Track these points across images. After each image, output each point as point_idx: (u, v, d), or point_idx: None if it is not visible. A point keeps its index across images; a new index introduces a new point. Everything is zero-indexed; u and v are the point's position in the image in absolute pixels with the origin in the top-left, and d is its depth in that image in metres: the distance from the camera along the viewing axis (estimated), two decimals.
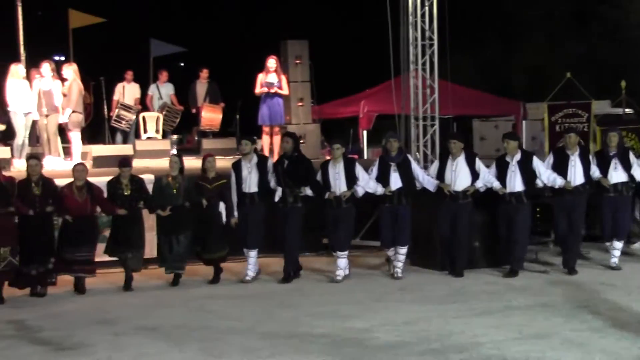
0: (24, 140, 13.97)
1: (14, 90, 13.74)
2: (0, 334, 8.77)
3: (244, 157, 11.34)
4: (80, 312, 9.79)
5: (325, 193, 11.13)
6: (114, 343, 8.33)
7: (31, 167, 10.53)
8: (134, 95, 16.92)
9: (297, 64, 15.22)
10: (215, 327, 8.89)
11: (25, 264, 10.32)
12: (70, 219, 10.55)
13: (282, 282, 11.21)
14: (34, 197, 10.34)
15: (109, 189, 11.01)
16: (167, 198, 11.09)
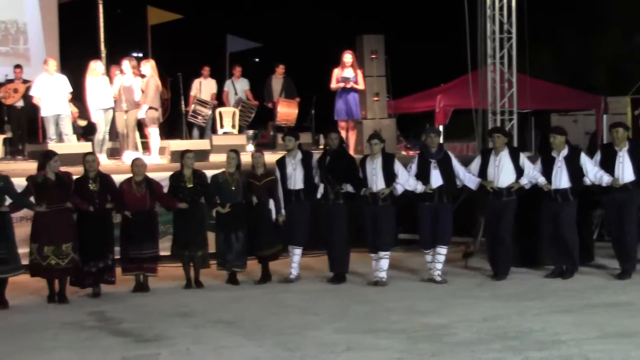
0: (104, 135, 14.23)
1: (93, 87, 14.00)
2: (83, 325, 8.94)
3: (288, 153, 11.19)
4: (159, 304, 9.91)
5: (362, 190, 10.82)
6: (192, 336, 8.41)
7: (88, 163, 10.39)
8: (210, 90, 17.08)
9: (372, 58, 15.16)
10: (292, 322, 8.91)
11: (85, 262, 10.17)
12: (130, 215, 10.43)
13: (334, 282, 10.93)
14: (91, 193, 10.22)
15: (171, 182, 10.91)
16: (227, 194, 10.91)
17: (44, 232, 9.92)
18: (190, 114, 16.39)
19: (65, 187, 10.06)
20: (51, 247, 9.88)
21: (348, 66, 14.49)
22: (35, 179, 9.98)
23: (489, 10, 13.00)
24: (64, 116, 14.23)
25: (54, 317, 9.31)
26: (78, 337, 8.45)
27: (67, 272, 10.08)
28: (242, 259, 11.01)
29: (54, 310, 9.70)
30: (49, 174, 9.97)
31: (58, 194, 9.97)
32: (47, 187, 9.93)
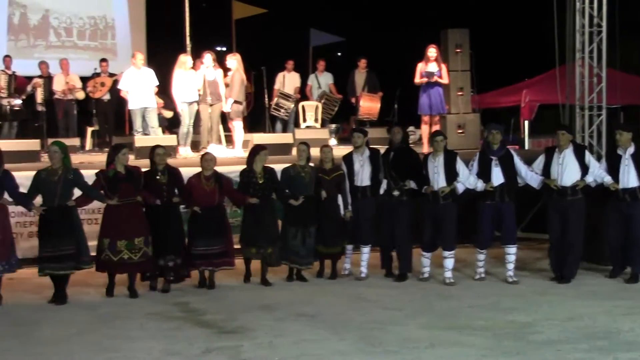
0: (188, 128, 14.39)
1: (180, 80, 14.18)
2: (169, 315, 9.07)
3: (356, 150, 11.03)
4: (241, 297, 9.99)
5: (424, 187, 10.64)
6: (274, 328, 8.46)
7: (159, 156, 10.30)
8: (294, 84, 17.14)
9: (457, 52, 15.00)
10: (374, 317, 8.88)
11: (158, 255, 10.10)
12: (199, 210, 10.32)
13: (399, 280, 10.77)
14: (160, 186, 10.15)
15: (242, 178, 10.77)
16: (300, 188, 10.74)
17: (115, 226, 9.88)
18: (273, 107, 16.49)
19: (135, 180, 10.02)
20: (124, 241, 9.84)
21: (432, 60, 14.37)
22: (106, 173, 9.99)
23: (578, 4, 12.69)
24: (150, 109, 14.45)
25: (139, 307, 9.46)
26: (163, 327, 8.57)
27: (140, 267, 10.04)
28: (313, 255, 10.88)
29: (139, 300, 9.84)
30: (118, 167, 9.97)
31: (129, 188, 9.93)
32: (118, 180, 9.91)
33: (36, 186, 9.75)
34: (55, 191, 9.63)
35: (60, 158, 9.72)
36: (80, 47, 19.27)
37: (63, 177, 9.68)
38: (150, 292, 10.21)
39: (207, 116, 14.37)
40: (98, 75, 16.36)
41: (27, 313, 9.30)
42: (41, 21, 19.07)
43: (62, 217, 9.66)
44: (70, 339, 8.20)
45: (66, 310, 9.37)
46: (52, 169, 9.74)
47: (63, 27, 19.20)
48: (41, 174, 9.76)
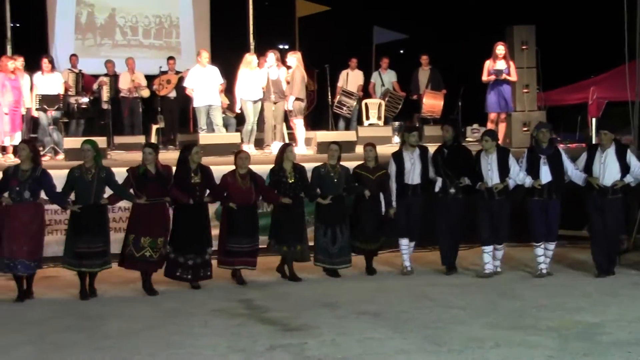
0: (252, 126, 14.46)
1: (245, 78, 14.24)
2: (233, 312, 9.12)
3: (406, 147, 11.07)
4: (304, 294, 10.00)
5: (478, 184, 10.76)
6: (337, 326, 8.44)
7: (198, 154, 10.40)
8: (357, 82, 17.11)
9: (523, 49, 14.79)
10: (438, 315, 8.82)
11: (182, 254, 10.20)
12: (235, 207, 10.37)
13: (449, 273, 10.99)
14: (193, 185, 10.22)
15: (272, 177, 10.82)
16: (329, 187, 10.85)
17: (141, 223, 10.02)
18: (336, 105, 16.47)
19: (164, 180, 10.10)
20: (148, 238, 9.99)
21: (500, 58, 14.20)
22: (135, 170, 10.11)
23: None
24: (215, 107, 14.56)
25: (203, 303, 9.53)
26: (227, 324, 8.61)
27: (157, 265, 10.19)
28: (348, 254, 10.96)
29: (203, 296, 9.91)
30: (149, 166, 10.06)
31: (157, 187, 10.04)
32: (146, 179, 10.02)
33: (71, 184, 9.91)
34: (91, 189, 9.82)
35: (92, 156, 9.90)
36: (146, 45, 19.52)
37: (97, 176, 9.85)
38: (214, 289, 10.28)
39: (270, 114, 14.41)
40: (164, 73, 16.53)
41: (95, 307, 9.46)
42: (108, 20, 19.37)
43: (95, 214, 9.86)
44: (136, 333, 8.30)
45: (131, 306, 9.49)
46: (86, 167, 9.90)
47: (129, 26, 19.47)
48: (74, 172, 9.91)
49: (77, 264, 9.84)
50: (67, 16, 19.09)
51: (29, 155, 9.72)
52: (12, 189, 9.66)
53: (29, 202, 9.69)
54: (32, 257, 9.71)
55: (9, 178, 9.73)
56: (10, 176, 9.73)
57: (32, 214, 9.74)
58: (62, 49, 18.28)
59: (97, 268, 9.92)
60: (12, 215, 9.66)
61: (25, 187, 9.64)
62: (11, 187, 9.67)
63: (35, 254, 9.76)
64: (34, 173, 9.71)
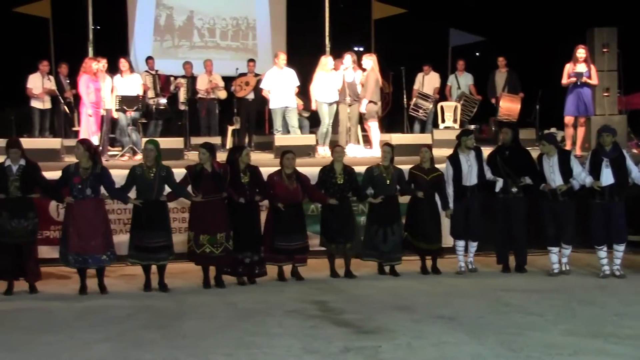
0: (327, 128, 14.50)
1: (321, 80, 14.28)
2: (308, 314, 9.13)
3: (462, 149, 11.17)
4: (378, 296, 9.97)
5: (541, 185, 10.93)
6: (413, 329, 8.38)
7: (247, 155, 10.66)
8: (433, 84, 17.03)
9: (604, 52, 14.52)
10: (515, 321, 8.68)
11: (238, 251, 10.47)
12: (282, 207, 10.60)
13: (520, 272, 11.16)
14: (242, 185, 10.46)
15: (321, 177, 11.06)
16: (381, 187, 11.03)
17: (199, 221, 10.31)
18: (412, 107, 16.41)
19: (220, 178, 10.34)
20: (206, 235, 10.26)
21: (581, 61, 13.95)
22: (193, 168, 10.39)
23: None
24: (291, 109, 14.64)
25: (278, 304, 9.57)
26: (302, 325, 8.62)
27: (221, 260, 10.40)
28: (399, 252, 11.17)
29: (278, 297, 9.96)
30: (205, 165, 10.30)
31: (213, 185, 10.30)
32: (203, 177, 10.29)
33: (132, 181, 10.27)
34: (152, 187, 10.17)
35: (154, 156, 10.24)
36: (223, 47, 19.73)
37: (158, 174, 10.18)
38: (288, 290, 10.35)
39: (345, 116, 14.43)
40: (243, 74, 16.67)
41: (172, 305, 9.57)
42: (186, 22, 19.64)
43: (156, 211, 10.21)
44: (212, 333, 8.36)
45: (207, 305, 9.58)
46: (147, 165, 10.24)
47: (206, 28, 19.71)
48: (136, 170, 10.28)
49: (142, 257, 10.23)
50: (147, 18, 19.43)
51: (85, 154, 10.02)
52: (74, 187, 10.01)
53: (91, 198, 10.03)
54: (101, 251, 10.07)
55: (70, 176, 10.06)
56: (72, 174, 10.05)
57: (95, 210, 10.12)
58: (141, 51, 18.62)
59: (163, 261, 10.29)
60: (75, 212, 10.03)
61: (86, 185, 10.00)
62: (73, 184, 10.02)
63: (103, 247, 10.10)
64: (94, 170, 10.04)
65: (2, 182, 9.97)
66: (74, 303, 9.71)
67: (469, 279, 11.04)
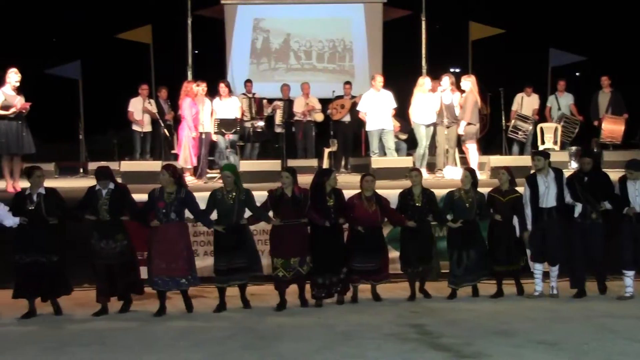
0: (424, 150, 14.41)
1: (418, 102, 14.21)
2: (405, 337, 9.00)
3: (540, 171, 10.90)
4: (476, 320, 9.77)
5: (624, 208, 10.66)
6: (514, 355, 8.19)
7: (334, 179, 10.68)
8: (532, 106, 16.78)
9: None
10: (620, 348, 8.39)
11: (318, 274, 10.48)
12: (362, 230, 10.60)
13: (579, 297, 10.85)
14: (328, 208, 10.45)
15: (400, 200, 11.00)
16: (461, 211, 10.91)
17: (276, 244, 10.42)
18: (511, 129, 16.18)
19: (300, 202, 10.36)
20: (280, 259, 10.32)
21: None
22: (273, 193, 10.43)
23: None
24: (387, 131, 14.61)
25: (376, 327, 9.46)
26: (400, 349, 8.52)
27: (288, 284, 10.46)
28: (473, 274, 10.96)
29: (375, 320, 9.85)
30: (287, 189, 10.34)
31: (292, 209, 10.33)
32: (283, 202, 10.34)
33: (213, 205, 10.37)
34: (232, 211, 10.26)
35: (232, 181, 10.32)
36: (319, 69, 19.84)
37: (237, 198, 10.26)
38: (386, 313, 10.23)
39: (443, 138, 14.31)
40: (339, 97, 16.72)
41: (270, 327, 9.58)
42: (282, 45, 19.85)
43: (236, 234, 10.29)
44: (310, 355, 8.33)
45: (305, 327, 9.55)
46: (227, 190, 10.34)
47: (303, 50, 19.88)
48: (217, 195, 10.37)
49: (223, 279, 10.34)
50: (244, 42, 19.74)
51: (170, 179, 10.16)
52: (159, 211, 10.16)
53: (175, 222, 10.18)
54: (182, 274, 10.18)
55: (155, 200, 10.23)
56: (157, 198, 10.22)
57: (178, 234, 10.25)
58: (238, 74, 18.92)
59: (240, 281, 10.44)
60: (160, 236, 10.17)
61: (171, 209, 10.14)
62: (158, 208, 10.17)
63: (184, 271, 10.21)
64: (178, 195, 10.19)
65: (93, 204, 10.18)
66: (173, 323, 9.83)
67: (570, 303, 10.69)
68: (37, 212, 10.07)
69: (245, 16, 19.78)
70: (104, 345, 8.85)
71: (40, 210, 10.07)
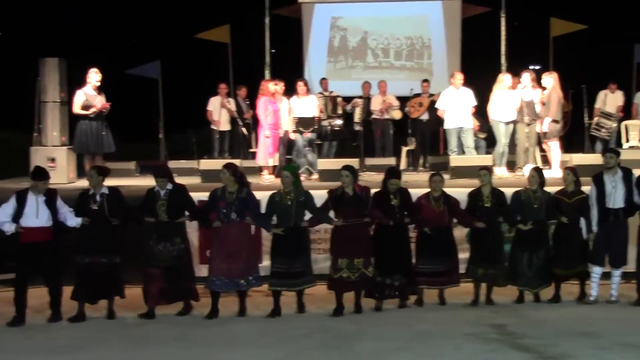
0: (504, 148, 14.18)
1: (498, 99, 13.99)
2: (486, 337, 8.88)
3: (607, 170, 10.47)
4: (560, 321, 9.57)
5: None
6: (599, 357, 8.03)
7: (397, 183, 10.34)
8: (616, 103, 16.40)
9: None
10: None
11: (385, 275, 10.18)
12: (429, 231, 10.37)
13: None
14: (392, 207, 10.18)
15: (469, 200, 10.69)
16: (529, 212, 10.52)
17: (339, 245, 10.11)
18: (593, 126, 15.85)
19: (361, 202, 10.11)
20: (344, 260, 10.03)
21: None
22: (334, 192, 10.20)
23: None
24: (466, 129, 14.41)
25: (456, 327, 9.35)
26: (480, 349, 8.41)
27: (356, 286, 10.14)
28: (542, 277, 10.58)
29: (455, 319, 9.74)
30: (347, 188, 10.11)
31: (353, 209, 10.06)
32: (344, 201, 10.09)
33: (272, 208, 10.16)
34: (290, 213, 10.03)
35: (291, 182, 10.11)
36: (397, 67, 19.73)
37: (295, 200, 10.04)
38: (466, 312, 10.09)
39: (523, 136, 14.05)
40: (417, 95, 16.58)
41: (348, 325, 9.53)
42: (360, 43, 19.82)
43: (295, 237, 10.04)
44: (388, 354, 8.29)
45: (383, 326, 9.48)
46: (285, 192, 10.12)
47: (380, 48, 19.79)
48: (275, 197, 10.17)
49: (281, 283, 10.07)
50: (321, 40, 19.74)
51: (230, 178, 10.02)
52: (220, 211, 10.00)
53: (236, 223, 10.00)
54: (241, 276, 10.00)
55: (216, 200, 10.07)
56: (218, 198, 10.06)
57: (240, 234, 10.07)
58: (315, 72, 18.90)
59: (298, 287, 10.16)
60: (221, 236, 10.02)
61: (232, 209, 9.96)
62: (219, 208, 10.02)
63: (244, 272, 10.01)
64: (239, 195, 10.02)
65: (151, 206, 10.04)
66: (250, 323, 9.78)
67: None
68: (101, 213, 9.95)
69: (323, 15, 19.77)
70: (184, 341, 8.91)
71: (103, 211, 9.95)
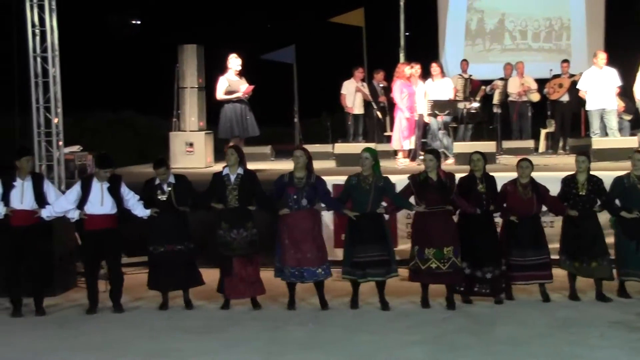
0: None
1: None
2: (633, 326, 8.57)
3: None
4: None
5: None
6: None
7: (481, 162, 9.74)
8: None
9: None
10: None
11: (478, 268, 9.55)
12: (515, 219, 9.67)
13: None
14: (479, 195, 9.59)
15: (562, 186, 9.93)
16: (633, 199, 9.72)
17: (424, 234, 9.46)
18: None
19: (446, 188, 9.49)
20: (432, 249, 9.39)
21: None
22: (416, 177, 9.62)
23: None
24: (609, 110, 13.95)
25: (602, 314, 9.06)
26: (627, 338, 8.12)
27: (448, 277, 9.47)
28: None
29: (600, 307, 9.42)
30: (431, 173, 9.51)
31: (438, 195, 9.46)
32: (427, 187, 9.47)
33: (348, 192, 9.63)
34: (368, 198, 9.47)
35: (370, 165, 9.53)
36: (534, 49, 19.40)
37: (374, 185, 9.50)
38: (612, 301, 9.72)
39: None
40: (557, 76, 16.16)
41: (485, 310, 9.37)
42: (497, 25, 19.58)
43: (372, 223, 9.49)
44: (528, 340, 8.11)
45: (522, 312, 9.25)
46: (363, 175, 9.56)
47: (518, 30, 19.52)
48: (352, 180, 9.60)
49: (357, 273, 9.50)
50: (458, 23, 19.61)
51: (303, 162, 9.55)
52: (289, 197, 9.54)
53: (306, 209, 9.56)
54: (317, 264, 9.55)
55: (284, 186, 9.62)
56: (286, 184, 9.62)
57: (311, 221, 9.60)
58: (452, 55, 18.77)
59: (380, 277, 9.56)
60: (291, 224, 9.54)
61: (302, 195, 9.51)
62: (288, 195, 9.56)
63: (319, 260, 9.56)
64: (309, 180, 9.58)
65: (221, 191, 9.66)
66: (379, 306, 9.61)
67: None
68: (169, 202, 9.73)
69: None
70: (318, 324, 8.94)
71: (171, 200, 9.72)
